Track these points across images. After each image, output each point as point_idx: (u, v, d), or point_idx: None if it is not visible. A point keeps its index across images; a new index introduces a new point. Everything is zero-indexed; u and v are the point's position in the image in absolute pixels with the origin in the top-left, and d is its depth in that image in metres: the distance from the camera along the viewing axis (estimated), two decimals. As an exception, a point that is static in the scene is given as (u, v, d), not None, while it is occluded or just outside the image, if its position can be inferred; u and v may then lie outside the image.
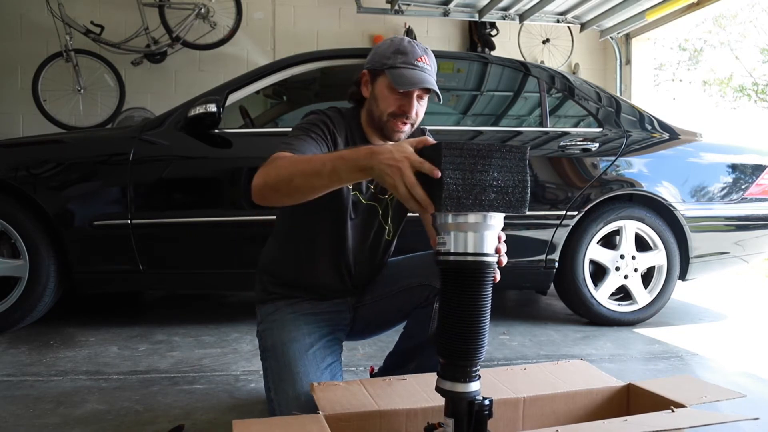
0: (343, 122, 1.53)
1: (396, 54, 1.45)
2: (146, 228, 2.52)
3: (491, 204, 1.04)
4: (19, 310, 2.47)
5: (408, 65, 1.44)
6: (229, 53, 4.89)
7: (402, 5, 4.86)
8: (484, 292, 1.07)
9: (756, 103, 12.42)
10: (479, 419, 1.07)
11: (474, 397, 1.08)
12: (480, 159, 1.02)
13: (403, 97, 1.45)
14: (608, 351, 2.40)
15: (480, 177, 1.02)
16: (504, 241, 1.19)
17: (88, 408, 1.69)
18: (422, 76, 1.44)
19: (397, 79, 1.43)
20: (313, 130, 1.44)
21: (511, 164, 1.04)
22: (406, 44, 1.47)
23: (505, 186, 1.04)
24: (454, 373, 1.08)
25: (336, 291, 1.60)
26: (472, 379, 1.08)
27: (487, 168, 1.02)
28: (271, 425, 1.12)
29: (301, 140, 1.40)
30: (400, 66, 1.44)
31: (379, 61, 1.48)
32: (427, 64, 1.46)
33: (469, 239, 1.06)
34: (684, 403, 1.21)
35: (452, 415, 1.09)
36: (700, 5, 4.65)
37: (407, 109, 1.45)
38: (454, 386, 1.08)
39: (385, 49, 1.48)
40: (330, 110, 1.54)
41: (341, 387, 1.32)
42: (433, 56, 1.51)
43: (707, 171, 2.97)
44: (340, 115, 1.54)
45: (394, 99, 1.45)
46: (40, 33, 4.66)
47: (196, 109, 2.51)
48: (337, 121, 1.51)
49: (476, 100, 3.22)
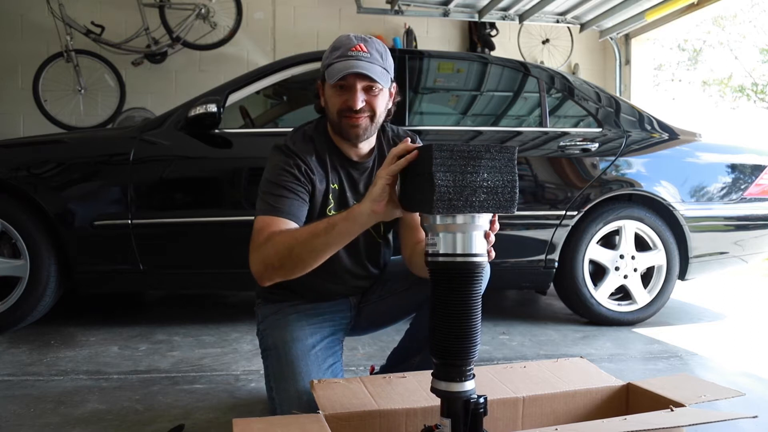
0: (312, 146, 1.47)
1: (332, 51, 1.41)
2: (146, 228, 2.52)
3: (482, 205, 1.04)
4: (20, 310, 2.47)
5: (341, 58, 1.38)
6: (230, 53, 4.89)
7: (402, 5, 4.86)
8: (475, 291, 1.08)
9: (755, 103, 12.41)
10: (475, 418, 1.08)
11: (469, 396, 1.08)
12: (470, 160, 1.03)
13: (345, 91, 1.40)
14: (608, 351, 2.41)
15: (470, 178, 1.03)
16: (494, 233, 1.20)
17: (88, 408, 1.70)
18: (353, 63, 1.37)
19: (330, 73, 1.38)
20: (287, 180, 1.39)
21: (500, 165, 1.04)
22: (343, 39, 1.42)
23: (494, 186, 1.04)
24: (448, 373, 1.09)
25: (338, 294, 1.60)
26: (466, 378, 1.09)
27: (477, 169, 1.03)
28: (271, 424, 1.12)
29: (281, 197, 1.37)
30: (334, 61, 1.39)
31: (322, 65, 1.44)
32: (364, 51, 1.39)
33: (458, 240, 1.07)
34: (683, 402, 1.21)
35: (448, 415, 1.10)
36: (700, 5, 4.65)
37: (351, 102, 1.39)
38: (449, 386, 1.09)
39: (326, 51, 1.44)
40: (292, 140, 1.47)
41: (341, 385, 1.32)
42: (378, 44, 1.43)
43: (706, 171, 2.98)
44: (306, 140, 1.48)
45: (338, 96, 1.41)
46: (40, 33, 4.66)
47: (197, 109, 2.51)
48: (304, 150, 1.45)
49: (476, 100, 3.22)
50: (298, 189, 1.40)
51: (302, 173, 1.42)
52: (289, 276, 1.29)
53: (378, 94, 1.42)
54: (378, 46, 1.43)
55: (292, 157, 1.43)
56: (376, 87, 1.41)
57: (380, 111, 1.45)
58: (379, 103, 1.43)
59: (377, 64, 1.40)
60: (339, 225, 1.21)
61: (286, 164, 1.42)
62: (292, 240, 1.26)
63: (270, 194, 1.39)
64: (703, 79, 12.72)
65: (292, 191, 1.39)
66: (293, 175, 1.41)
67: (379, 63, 1.40)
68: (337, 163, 1.50)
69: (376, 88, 1.41)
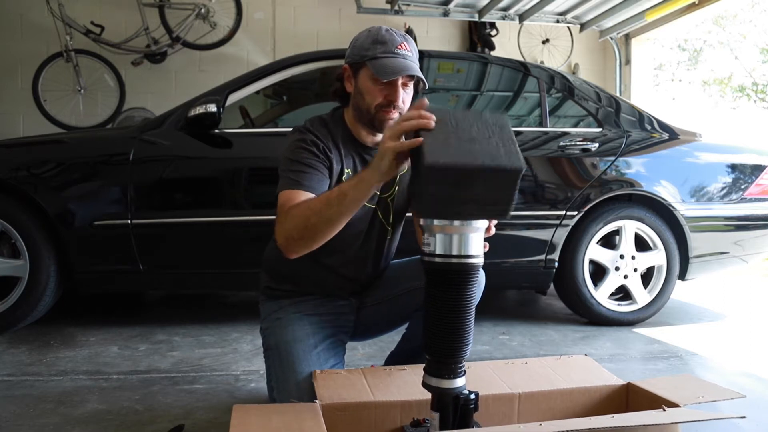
0: (327, 130, 1.50)
1: (375, 44, 1.43)
2: (146, 228, 2.52)
3: (471, 214, 1.04)
4: (20, 310, 2.47)
5: (389, 54, 1.41)
6: (229, 53, 4.89)
7: (402, 5, 4.86)
8: (469, 292, 1.08)
9: (755, 103, 12.42)
10: (464, 413, 1.09)
11: (460, 392, 1.09)
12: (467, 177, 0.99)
13: (388, 87, 1.43)
14: (608, 351, 2.41)
15: (463, 192, 1.00)
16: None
17: (88, 408, 1.69)
18: (404, 63, 1.41)
19: (380, 70, 1.40)
20: (306, 156, 1.43)
21: (499, 184, 1.01)
22: (384, 33, 1.44)
23: (487, 200, 1.02)
24: (439, 369, 1.10)
25: (341, 290, 1.60)
26: (457, 376, 1.09)
27: (472, 184, 1.00)
28: (269, 411, 1.16)
29: (301, 173, 1.40)
30: (380, 56, 1.41)
31: (358, 53, 1.46)
32: (408, 50, 1.44)
33: (455, 241, 1.07)
34: (679, 403, 1.21)
35: (437, 409, 1.10)
36: (700, 5, 4.65)
37: (394, 98, 1.43)
38: (439, 382, 1.10)
39: (363, 40, 1.46)
40: (310, 123, 1.51)
41: (342, 375, 1.36)
42: (413, 42, 1.49)
43: (707, 171, 2.97)
44: (322, 125, 1.52)
45: (380, 90, 1.43)
46: (40, 33, 4.66)
47: (196, 109, 2.51)
48: (321, 132, 1.49)
49: (476, 100, 3.22)
50: (316, 164, 1.43)
51: (320, 150, 1.45)
52: (310, 246, 1.31)
53: (410, 92, 1.48)
54: (413, 44, 1.48)
55: (309, 136, 1.47)
56: (411, 84, 1.47)
57: (407, 107, 1.49)
58: (408, 99, 1.49)
59: (416, 63, 1.46)
60: (350, 193, 1.23)
61: (304, 142, 1.45)
62: (308, 211, 1.28)
63: (289, 170, 1.42)
64: (703, 79, 12.73)
65: (311, 166, 1.42)
66: (311, 152, 1.44)
67: (416, 62, 1.46)
68: (351, 150, 1.52)
69: (410, 85, 1.47)
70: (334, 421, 1.20)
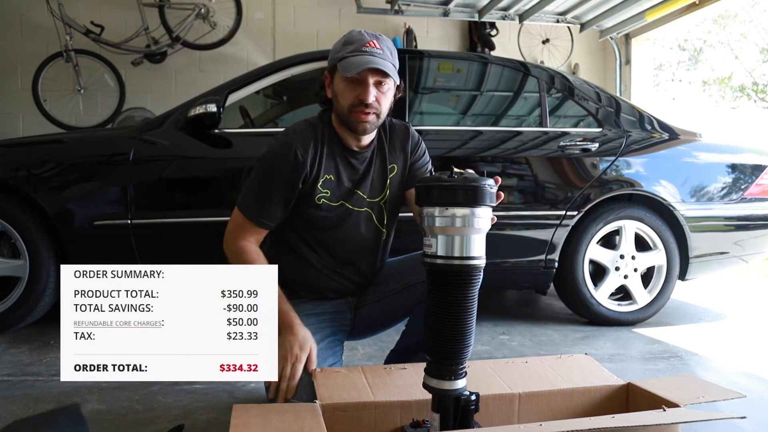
0: (313, 134, 1.52)
1: (345, 45, 1.46)
2: (146, 228, 2.52)
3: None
4: (19, 310, 2.47)
5: (356, 52, 1.43)
6: (229, 53, 4.89)
7: (402, 5, 4.85)
8: (471, 294, 1.08)
9: (755, 102, 12.42)
10: (465, 414, 1.08)
11: (460, 393, 1.09)
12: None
13: (359, 86, 1.44)
14: (608, 351, 2.40)
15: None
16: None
17: (88, 408, 1.69)
18: (369, 58, 1.42)
19: (345, 67, 1.42)
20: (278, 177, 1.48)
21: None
22: (355, 34, 1.47)
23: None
24: (440, 371, 1.09)
25: (338, 292, 1.60)
26: (458, 377, 1.09)
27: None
28: (268, 410, 1.17)
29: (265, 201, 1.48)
30: (348, 55, 1.43)
31: (333, 57, 1.48)
32: (378, 48, 1.44)
33: (456, 243, 1.06)
34: (679, 403, 1.21)
35: (438, 410, 1.10)
36: (700, 5, 4.65)
37: (363, 96, 1.44)
38: (440, 384, 1.09)
39: (336, 44, 1.49)
40: (298, 127, 1.54)
41: (342, 374, 1.36)
42: (389, 42, 1.49)
43: (707, 171, 2.97)
44: (309, 128, 1.53)
45: (351, 90, 1.45)
46: (40, 33, 4.65)
47: (196, 109, 2.51)
48: (304, 138, 1.50)
49: (476, 100, 3.22)
50: (285, 185, 1.47)
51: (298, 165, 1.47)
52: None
53: (386, 91, 1.48)
54: (388, 43, 1.48)
55: (291, 149, 1.48)
56: (387, 83, 1.46)
57: (386, 108, 1.50)
58: (387, 100, 1.49)
59: (389, 61, 1.45)
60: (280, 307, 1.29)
61: (283, 157, 1.48)
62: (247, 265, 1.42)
63: (257, 188, 1.47)
64: (703, 78, 12.73)
65: (279, 189, 1.47)
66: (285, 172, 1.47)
67: (390, 60, 1.46)
68: (337, 153, 1.54)
69: (386, 85, 1.46)
70: (334, 421, 1.20)
